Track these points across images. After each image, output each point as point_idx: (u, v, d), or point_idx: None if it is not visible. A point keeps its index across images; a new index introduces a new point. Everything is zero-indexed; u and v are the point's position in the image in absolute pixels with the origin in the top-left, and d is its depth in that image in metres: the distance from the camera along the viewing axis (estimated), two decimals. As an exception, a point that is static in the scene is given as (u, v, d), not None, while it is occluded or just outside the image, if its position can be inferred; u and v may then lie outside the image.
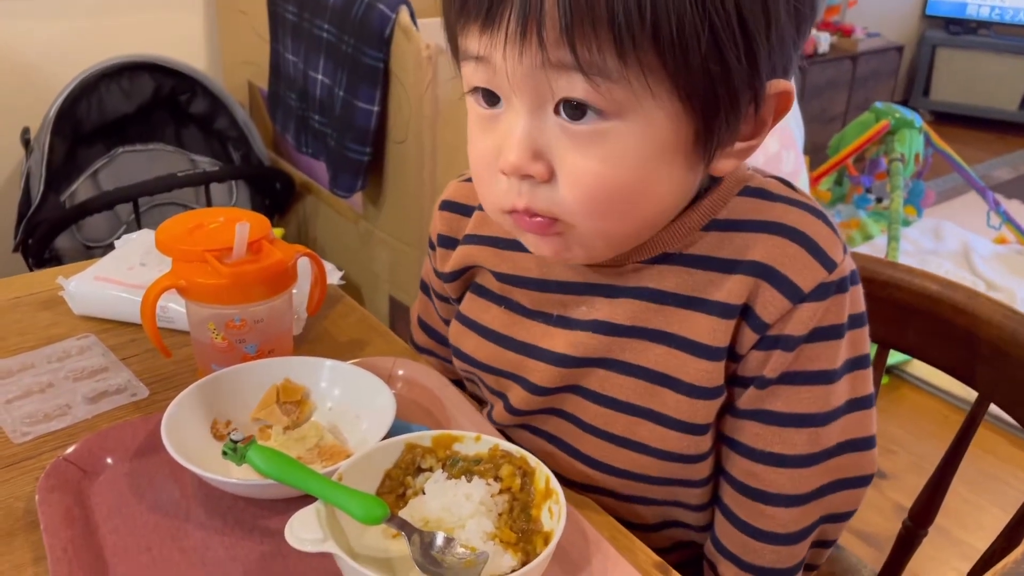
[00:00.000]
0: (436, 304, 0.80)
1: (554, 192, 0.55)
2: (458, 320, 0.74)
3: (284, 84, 1.85)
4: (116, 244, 0.98)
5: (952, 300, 0.76)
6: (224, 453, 0.59)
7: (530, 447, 0.61)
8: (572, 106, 0.52)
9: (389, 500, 0.59)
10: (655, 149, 0.53)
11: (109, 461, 0.65)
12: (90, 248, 1.80)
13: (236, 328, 0.72)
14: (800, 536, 0.63)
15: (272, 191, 1.99)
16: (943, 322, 0.77)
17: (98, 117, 1.81)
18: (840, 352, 0.59)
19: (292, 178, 1.99)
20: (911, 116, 2.62)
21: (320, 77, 1.68)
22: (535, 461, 0.59)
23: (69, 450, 0.64)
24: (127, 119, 1.86)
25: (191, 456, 0.60)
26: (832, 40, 3.62)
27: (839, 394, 0.60)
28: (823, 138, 3.13)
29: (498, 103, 0.55)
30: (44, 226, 1.67)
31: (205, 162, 1.97)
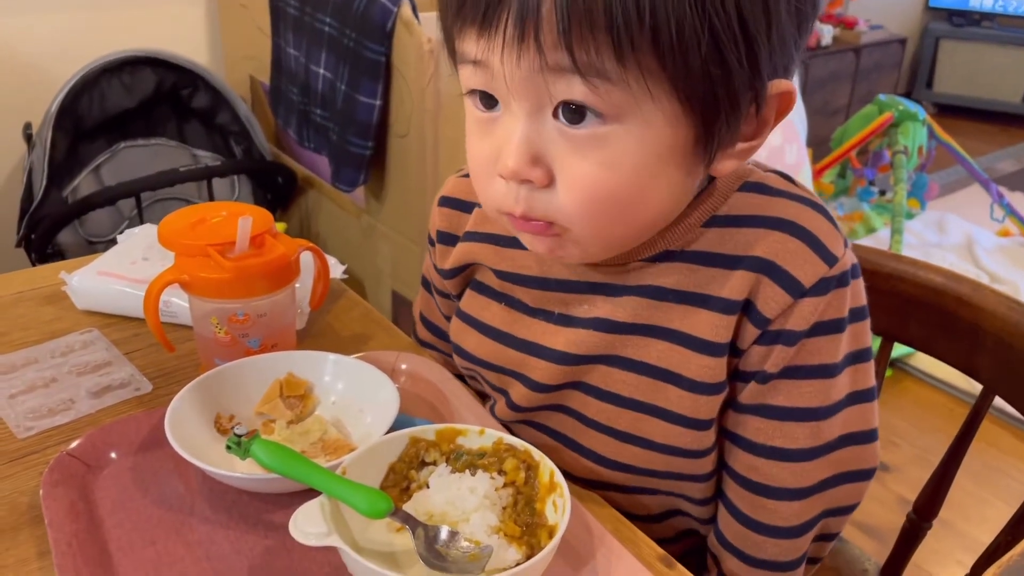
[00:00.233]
0: (437, 300, 0.80)
1: (552, 196, 0.54)
2: (459, 317, 0.73)
3: (286, 78, 1.85)
4: (119, 239, 0.98)
5: (956, 292, 0.76)
6: (228, 447, 0.59)
7: (534, 443, 0.61)
8: (571, 110, 0.51)
9: (393, 494, 0.59)
10: (655, 152, 0.52)
11: (113, 456, 0.65)
12: (93, 243, 1.79)
13: (239, 322, 0.72)
14: (802, 529, 0.63)
15: (274, 186, 1.99)
16: (947, 315, 0.77)
17: (100, 112, 1.80)
18: (841, 346, 0.59)
19: (294, 172, 1.99)
20: (914, 108, 2.61)
21: (322, 71, 1.68)
22: (539, 455, 0.59)
23: (73, 445, 0.64)
24: (129, 114, 1.86)
25: (195, 450, 0.60)
26: (835, 33, 3.61)
27: (840, 388, 0.60)
28: (826, 131, 3.13)
29: (496, 106, 0.55)
30: (47, 221, 1.67)
31: (207, 157, 1.97)
